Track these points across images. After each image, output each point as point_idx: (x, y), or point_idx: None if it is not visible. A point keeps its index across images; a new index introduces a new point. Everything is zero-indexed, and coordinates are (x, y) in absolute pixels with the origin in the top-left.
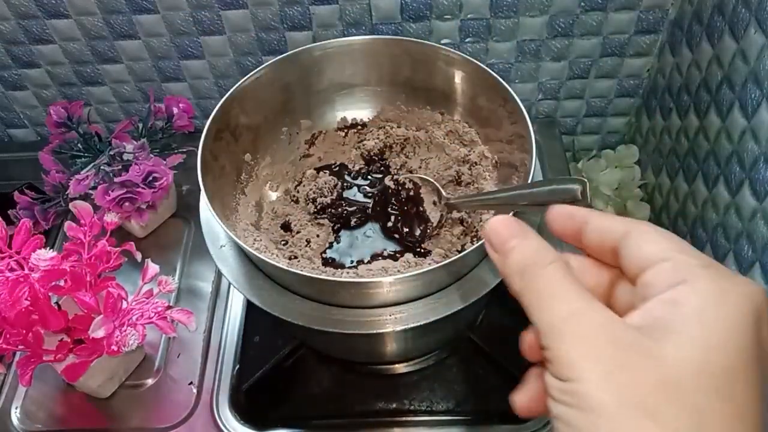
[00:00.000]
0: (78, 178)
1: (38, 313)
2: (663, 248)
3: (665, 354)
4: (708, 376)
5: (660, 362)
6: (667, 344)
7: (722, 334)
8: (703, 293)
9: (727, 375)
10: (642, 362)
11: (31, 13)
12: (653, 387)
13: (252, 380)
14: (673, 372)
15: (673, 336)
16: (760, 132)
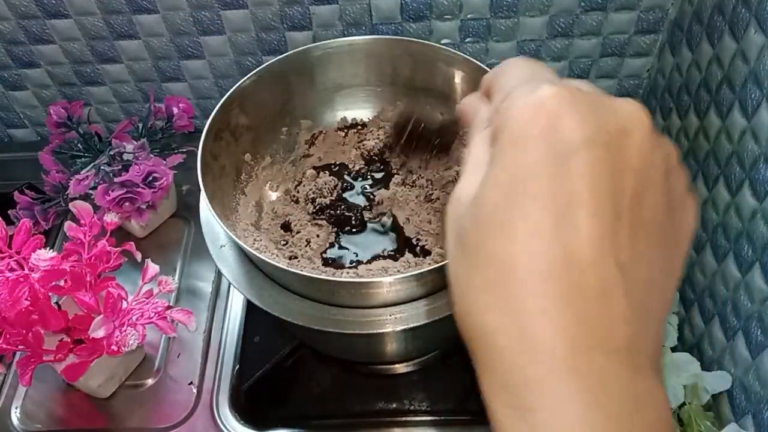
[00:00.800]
0: (78, 178)
1: (38, 313)
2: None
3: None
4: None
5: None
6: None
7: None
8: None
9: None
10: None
11: (31, 13)
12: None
13: (252, 380)
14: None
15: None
16: (760, 132)
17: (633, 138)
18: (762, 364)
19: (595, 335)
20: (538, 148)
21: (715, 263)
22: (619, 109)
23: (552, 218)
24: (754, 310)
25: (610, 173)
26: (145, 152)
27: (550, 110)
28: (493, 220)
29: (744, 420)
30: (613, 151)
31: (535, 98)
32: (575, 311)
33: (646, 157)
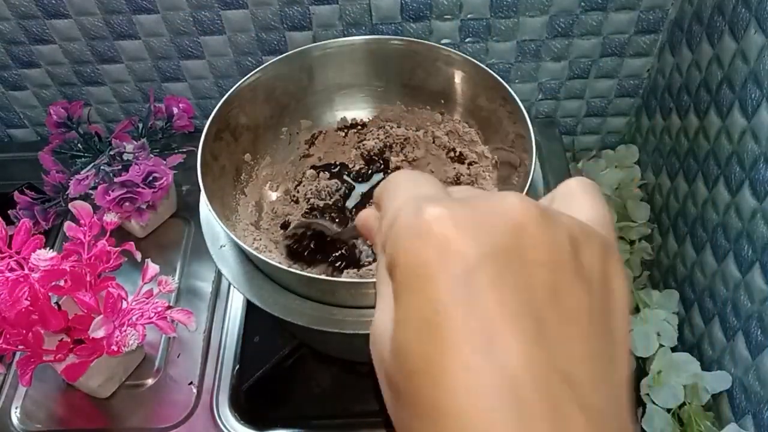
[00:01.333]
0: (78, 178)
1: (38, 313)
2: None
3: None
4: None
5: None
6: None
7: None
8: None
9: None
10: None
11: (31, 13)
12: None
13: (252, 380)
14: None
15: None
16: (760, 132)
17: (526, 232)
18: (762, 364)
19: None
20: (437, 281)
21: (715, 263)
22: (502, 208)
23: (476, 350)
24: (754, 310)
25: (516, 280)
26: (145, 152)
27: (439, 236)
28: (417, 368)
29: (744, 420)
30: (512, 255)
31: (420, 226)
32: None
33: (546, 245)
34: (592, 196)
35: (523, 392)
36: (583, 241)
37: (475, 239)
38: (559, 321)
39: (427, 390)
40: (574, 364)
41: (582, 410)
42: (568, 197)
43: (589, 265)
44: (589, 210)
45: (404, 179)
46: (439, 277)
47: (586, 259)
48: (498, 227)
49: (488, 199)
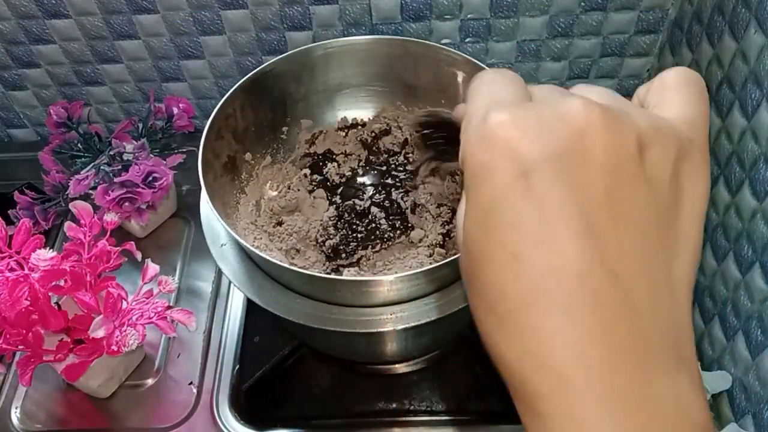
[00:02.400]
0: (78, 178)
1: (38, 313)
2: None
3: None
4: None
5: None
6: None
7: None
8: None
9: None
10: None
11: (31, 13)
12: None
13: (252, 380)
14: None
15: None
16: (760, 132)
17: (586, 136)
18: (762, 364)
19: (599, 348)
20: (500, 179)
21: (715, 263)
22: (566, 113)
23: (529, 242)
24: (754, 310)
25: (575, 181)
26: (145, 152)
27: (501, 140)
28: (478, 253)
29: (744, 420)
30: (571, 159)
31: (485, 131)
32: (576, 327)
33: (608, 149)
34: (688, 92)
35: (568, 283)
36: (653, 142)
37: (536, 143)
38: (613, 222)
39: (482, 272)
40: (624, 263)
41: (626, 305)
42: (662, 91)
43: (653, 167)
44: (679, 107)
45: (487, 81)
46: (498, 176)
47: (652, 160)
48: (560, 131)
49: (554, 104)
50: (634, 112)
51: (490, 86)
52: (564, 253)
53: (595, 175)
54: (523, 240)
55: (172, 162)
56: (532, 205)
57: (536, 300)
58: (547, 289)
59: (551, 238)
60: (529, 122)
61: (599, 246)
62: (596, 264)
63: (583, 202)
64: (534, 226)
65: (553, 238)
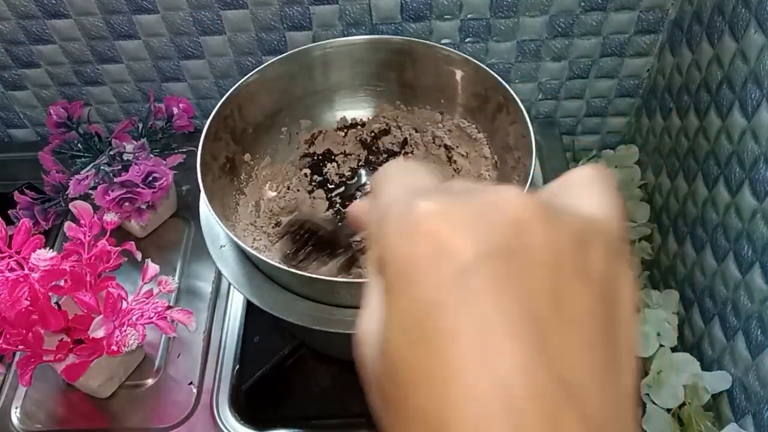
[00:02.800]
0: (78, 178)
1: (38, 313)
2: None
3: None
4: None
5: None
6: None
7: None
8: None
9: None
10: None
11: (31, 13)
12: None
13: (252, 380)
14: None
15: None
16: (760, 132)
17: (526, 231)
18: (762, 364)
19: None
20: (429, 282)
21: (715, 263)
22: (500, 204)
23: (470, 357)
24: (754, 310)
25: (514, 282)
26: (145, 152)
27: (432, 232)
28: (407, 374)
29: (744, 420)
30: (510, 255)
31: (412, 222)
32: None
33: (547, 244)
34: (604, 187)
35: (520, 401)
36: (589, 240)
37: (471, 237)
38: (559, 326)
39: (418, 398)
40: (575, 372)
41: (581, 420)
42: (578, 187)
43: (594, 266)
44: (598, 203)
45: (398, 170)
46: (431, 278)
47: (591, 259)
48: (495, 224)
49: (485, 194)
50: (568, 206)
51: (406, 174)
52: (513, 366)
53: (538, 275)
54: (465, 355)
55: (172, 162)
56: (472, 311)
57: (486, 425)
58: (498, 412)
59: (498, 351)
60: (461, 213)
61: (549, 354)
62: (548, 376)
63: (528, 305)
64: (476, 339)
65: (500, 350)
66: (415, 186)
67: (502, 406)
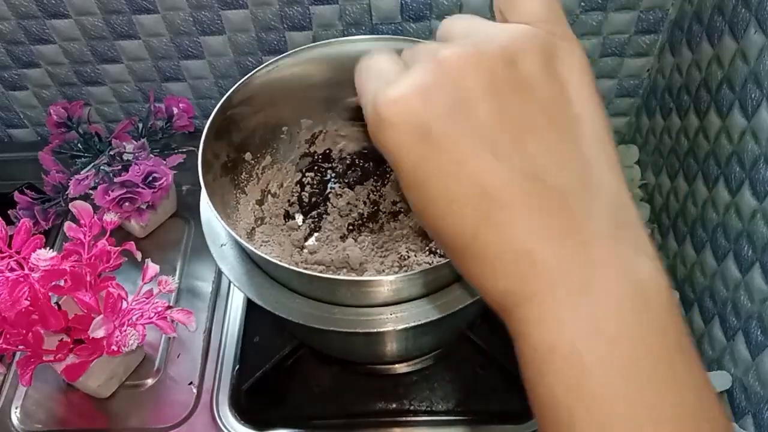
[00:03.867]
0: (78, 178)
1: (38, 313)
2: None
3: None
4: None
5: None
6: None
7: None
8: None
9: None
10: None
11: (31, 13)
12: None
13: (252, 380)
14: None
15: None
16: (760, 132)
17: (462, 79)
18: (762, 364)
19: (553, 241)
20: (409, 150)
21: (715, 263)
22: (439, 63)
23: (455, 185)
24: (754, 310)
25: (467, 118)
26: (145, 152)
27: (392, 118)
28: (426, 211)
29: (744, 420)
30: (457, 101)
31: (377, 116)
32: (516, 220)
33: (481, 79)
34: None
35: (494, 194)
36: (517, 53)
37: (423, 105)
38: (511, 134)
39: (439, 219)
40: (539, 163)
41: (559, 197)
42: (513, 3)
43: (530, 70)
44: (530, 8)
45: (364, 66)
46: (405, 148)
47: (525, 66)
48: (438, 86)
49: (427, 63)
50: (492, 34)
51: (368, 70)
52: (481, 177)
53: (480, 105)
54: (451, 181)
55: (172, 162)
56: (442, 155)
57: (488, 223)
58: (476, 203)
59: (467, 172)
60: (411, 92)
61: (509, 157)
62: (514, 172)
63: (482, 132)
64: (454, 170)
65: (469, 171)
66: (378, 77)
67: (479, 201)
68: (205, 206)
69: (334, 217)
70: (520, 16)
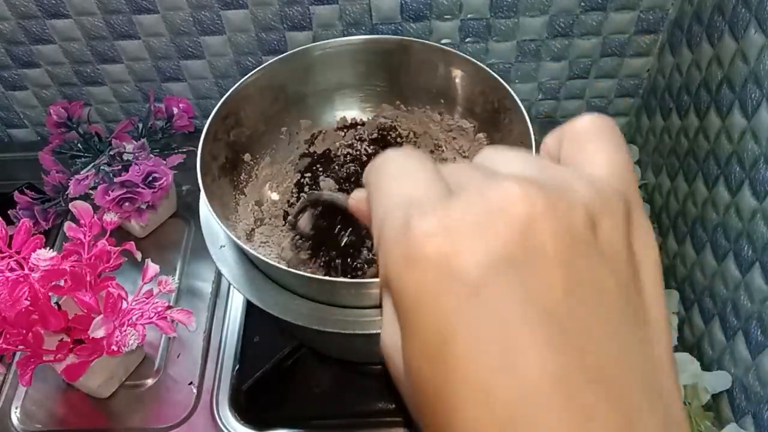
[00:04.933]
0: (78, 178)
1: (38, 313)
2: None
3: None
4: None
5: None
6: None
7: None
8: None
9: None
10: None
11: (31, 13)
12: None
13: (252, 380)
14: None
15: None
16: (760, 132)
17: (535, 227)
18: (762, 364)
19: None
20: (445, 304)
21: (715, 263)
22: (502, 202)
23: (496, 370)
24: (754, 310)
25: (529, 284)
26: (145, 152)
27: (434, 256)
28: (435, 393)
29: (744, 420)
30: (520, 257)
31: (411, 247)
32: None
33: (559, 236)
34: (610, 140)
35: (548, 403)
36: (601, 211)
37: (477, 250)
38: (583, 315)
39: (446, 415)
40: (604, 360)
41: (617, 408)
42: (580, 142)
43: (606, 241)
44: (605, 159)
45: (391, 169)
46: (442, 301)
47: (606, 232)
48: (500, 228)
49: (483, 192)
50: (571, 180)
51: (396, 176)
52: (538, 370)
53: (551, 270)
54: (490, 370)
55: (172, 162)
56: (490, 325)
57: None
58: (526, 416)
59: (520, 359)
60: (462, 224)
61: (575, 348)
62: (576, 371)
63: (547, 304)
64: (498, 350)
65: (523, 357)
66: (410, 192)
67: (534, 412)
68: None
69: None
70: (593, 165)
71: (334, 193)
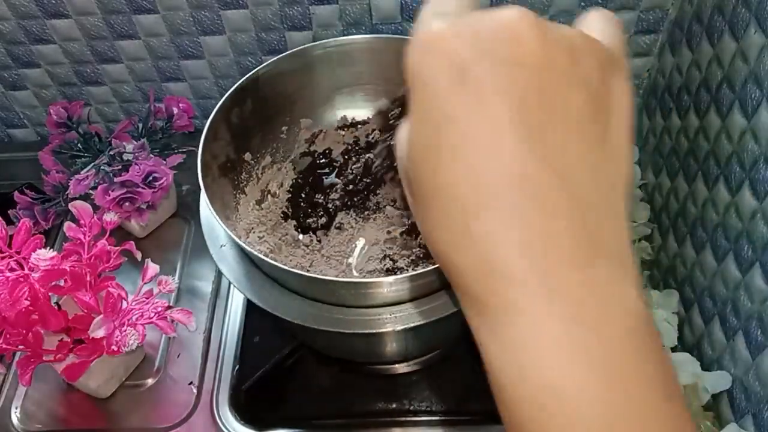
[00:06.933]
0: (78, 178)
1: (38, 313)
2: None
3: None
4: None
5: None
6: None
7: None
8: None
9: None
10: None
11: (31, 13)
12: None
13: (252, 380)
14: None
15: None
16: (760, 132)
17: (522, 40)
18: (762, 364)
19: (548, 249)
20: (440, 80)
21: (715, 263)
22: (501, 20)
23: (472, 142)
24: (754, 310)
25: (512, 85)
26: (145, 152)
27: (439, 45)
28: (424, 158)
29: (744, 420)
30: (508, 61)
31: (425, 39)
32: (526, 231)
33: (543, 52)
34: (608, 22)
35: (516, 186)
36: (585, 52)
37: (473, 46)
38: (553, 123)
39: (430, 177)
40: (566, 161)
41: (569, 199)
42: (585, 20)
43: (585, 76)
44: (601, 29)
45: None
46: (438, 78)
47: (584, 68)
48: (496, 36)
49: (491, 12)
50: (567, 29)
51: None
52: (509, 156)
53: (533, 79)
54: (467, 140)
55: (172, 162)
56: (471, 102)
57: (487, 204)
58: (496, 194)
59: (494, 141)
60: (467, 29)
61: (544, 148)
62: (543, 165)
63: (521, 101)
64: (475, 124)
65: (497, 141)
66: (440, 8)
67: (503, 191)
68: (205, 207)
69: None
70: (588, 31)
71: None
